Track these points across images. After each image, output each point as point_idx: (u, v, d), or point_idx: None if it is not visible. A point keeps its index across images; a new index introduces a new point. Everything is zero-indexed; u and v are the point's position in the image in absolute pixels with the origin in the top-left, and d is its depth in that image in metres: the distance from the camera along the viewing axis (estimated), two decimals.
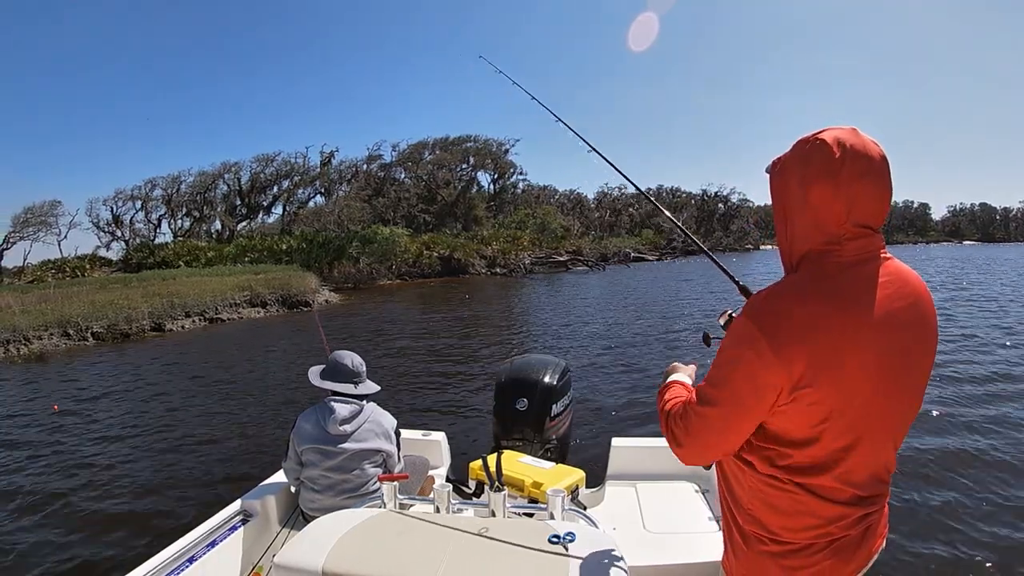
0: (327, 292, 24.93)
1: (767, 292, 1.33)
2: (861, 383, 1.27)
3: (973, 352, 10.35)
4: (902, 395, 1.35)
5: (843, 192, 1.25)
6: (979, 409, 7.08)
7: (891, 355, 1.29)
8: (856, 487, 1.34)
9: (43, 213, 38.76)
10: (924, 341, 1.37)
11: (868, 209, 1.28)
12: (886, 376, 1.30)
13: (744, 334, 1.29)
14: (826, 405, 1.26)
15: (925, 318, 1.36)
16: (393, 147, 49.72)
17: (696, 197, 72.90)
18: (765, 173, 1.45)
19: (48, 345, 14.35)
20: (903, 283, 1.33)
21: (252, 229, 44.77)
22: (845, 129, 1.29)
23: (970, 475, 5.23)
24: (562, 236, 45.17)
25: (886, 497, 1.45)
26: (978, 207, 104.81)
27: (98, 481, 5.92)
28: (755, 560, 1.44)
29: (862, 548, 1.38)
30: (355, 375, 2.99)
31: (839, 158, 1.25)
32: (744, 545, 1.46)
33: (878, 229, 1.33)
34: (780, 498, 1.36)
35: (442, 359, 11.50)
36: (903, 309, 1.31)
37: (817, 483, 1.32)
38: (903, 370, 1.33)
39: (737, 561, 1.50)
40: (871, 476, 1.36)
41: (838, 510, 1.34)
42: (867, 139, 1.28)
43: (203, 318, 18.33)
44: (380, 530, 1.87)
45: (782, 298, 1.30)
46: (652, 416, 7.23)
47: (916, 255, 52.12)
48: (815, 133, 1.31)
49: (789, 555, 1.38)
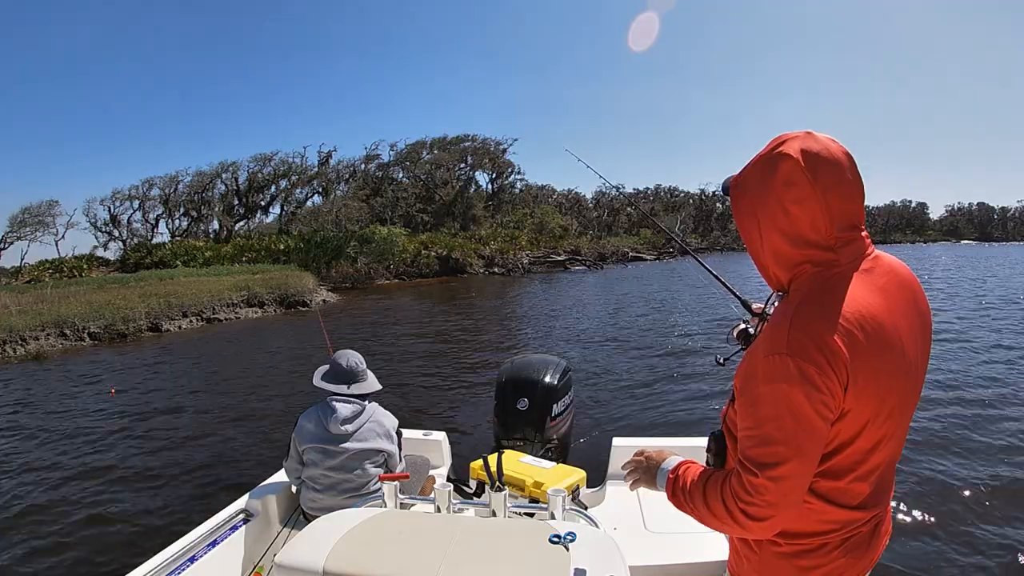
0: (325, 292, 24.85)
1: (791, 324, 1.23)
2: (893, 387, 1.26)
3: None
4: (914, 388, 1.35)
5: (822, 204, 1.23)
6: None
7: (907, 352, 1.29)
8: (869, 486, 1.33)
9: (40, 213, 38.65)
10: (925, 334, 1.37)
11: (848, 209, 1.26)
12: (907, 373, 1.30)
13: (781, 371, 1.20)
14: (865, 416, 1.24)
15: (922, 306, 1.37)
16: (391, 147, 49.79)
17: (694, 196, 72.98)
18: (723, 193, 1.42)
19: (45, 345, 14.31)
20: (899, 276, 1.33)
21: (250, 229, 44.65)
22: (801, 135, 1.27)
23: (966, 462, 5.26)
24: (560, 236, 45.20)
25: (891, 492, 1.45)
26: (976, 206, 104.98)
27: (97, 481, 5.91)
28: (768, 562, 1.42)
29: (872, 545, 1.38)
30: (351, 376, 2.99)
31: (809, 171, 1.22)
32: (756, 548, 1.44)
33: (861, 225, 1.32)
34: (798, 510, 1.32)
35: (443, 359, 11.50)
36: (906, 303, 1.32)
37: (833, 487, 1.30)
38: (915, 363, 1.33)
39: (748, 563, 1.48)
40: (882, 474, 1.36)
41: (850, 514, 1.33)
42: (826, 140, 1.27)
43: (200, 318, 18.26)
44: (381, 530, 1.86)
45: (809, 327, 1.21)
46: (653, 416, 7.26)
47: (922, 255, 52.09)
48: (774, 148, 1.28)
49: (802, 555, 1.36)
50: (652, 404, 7.84)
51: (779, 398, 1.20)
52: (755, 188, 1.31)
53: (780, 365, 1.19)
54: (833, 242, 1.26)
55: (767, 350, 1.23)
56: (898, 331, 1.26)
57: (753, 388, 1.25)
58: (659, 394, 8.38)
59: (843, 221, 1.26)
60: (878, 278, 1.29)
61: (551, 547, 1.70)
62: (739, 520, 1.27)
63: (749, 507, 1.24)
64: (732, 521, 1.28)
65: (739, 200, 1.36)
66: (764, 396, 1.22)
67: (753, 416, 1.25)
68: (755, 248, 1.37)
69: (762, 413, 1.23)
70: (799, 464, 1.20)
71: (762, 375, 1.23)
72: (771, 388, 1.21)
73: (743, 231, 1.38)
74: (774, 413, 1.20)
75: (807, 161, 1.23)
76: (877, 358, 1.22)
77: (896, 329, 1.26)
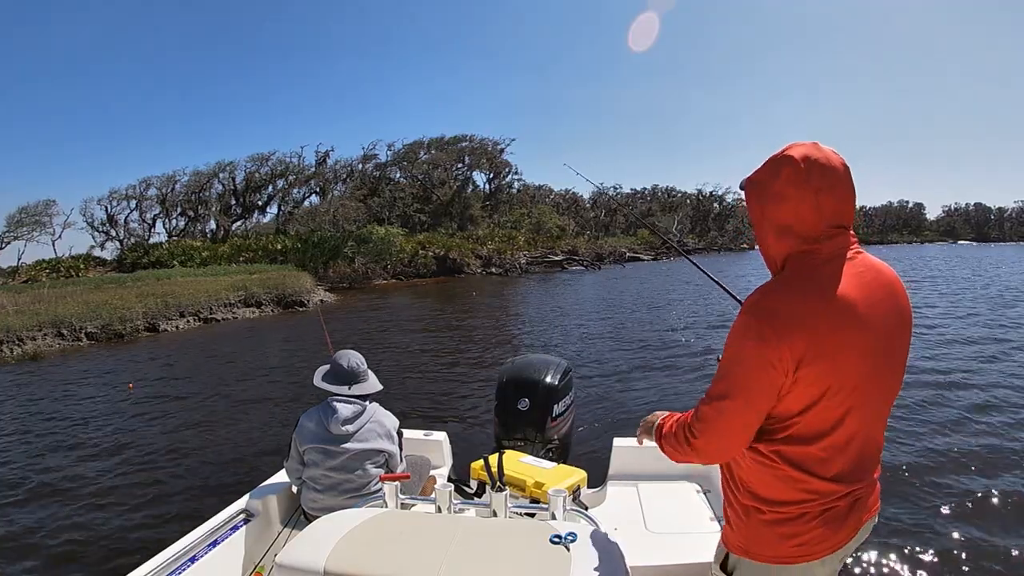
0: (322, 292, 24.83)
1: (760, 292, 1.48)
2: (855, 363, 1.42)
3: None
4: (887, 373, 1.52)
5: (813, 200, 1.43)
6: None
7: (877, 337, 1.45)
8: (844, 461, 1.48)
9: (37, 213, 38.44)
10: (902, 324, 1.54)
11: (837, 211, 1.45)
12: (874, 355, 1.45)
13: (745, 329, 1.44)
14: (824, 383, 1.41)
15: (901, 303, 1.53)
16: (388, 147, 49.54)
17: (692, 197, 72.99)
18: (740, 189, 1.62)
19: (42, 345, 14.28)
20: (878, 273, 1.50)
21: (247, 229, 44.57)
22: (808, 144, 1.47)
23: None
24: (558, 236, 45.19)
25: (874, 473, 1.60)
26: (973, 207, 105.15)
27: (97, 482, 5.90)
28: (753, 529, 1.57)
29: (850, 519, 1.52)
30: (351, 376, 3.00)
31: (806, 171, 1.42)
32: (743, 517, 1.59)
33: (849, 227, 1.50)
34: (776, 475, 1.50)
35: (443, 359, 11.52)
36: (882, 297, 1.48)
37: (808, 455, 1.46)
38: (887, 350, 1.49)
39: (735, 532, 1.63)
40: (859, 451, 1.50)
41: (826, 485, 1.47)
42: (828, 151, 1.46)
43: (198, 318, 18.24)
44: (382, 530, 1.87)
45: (775, 294, 1.46)
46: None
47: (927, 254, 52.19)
48: (782, 150, 1.48)
49: (783, 523, 1.52)
50: (652, 404, 7.84)
51: (737, 346, 1.46)
52: (763, 183, 1.51)
53: (743, 321, 1.45)
54: (820, 236, 1.45)
55: (742, 309, 1.49)
56: (869, 315, 1.43)
57: (728, 338, 1.50)
58: (659, 394, 8.42)
59: (832, 220, 1.45)
60: (856, 267, 1.47)
61: (552, 547, 1.71)
62: (688, 442, 1.56)
63: (694, 429, 1.54)
64: (684, 445, 1.58)
65: (750, 193, 1.57)
66: (729, 344, 1.49)
67: (721, 361, 1.51)
68: (760, 234, 1.57)
69: (725, 356, 1.50)
70: (741, 402, 1.44)
71: (733, 327, 1.49)
72: (734, 339, 1.47)
73: (752, 220, 1.59)
74: (732, 356, 1.47)
75: (807, 165, 1.43)
76: (841, 332, 1.39)
77: (868, 313, 1.43)
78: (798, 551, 1.51)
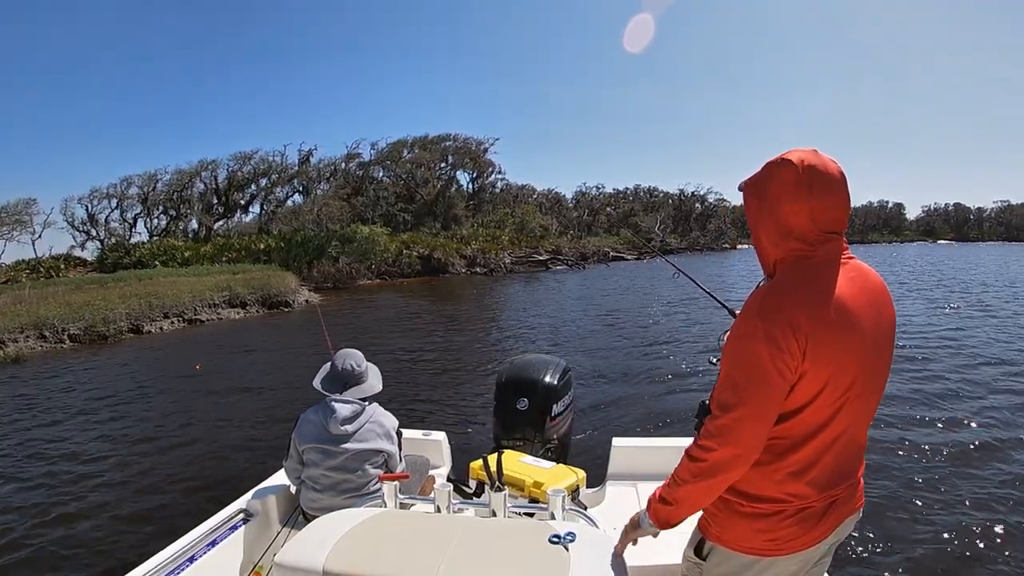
0: (307, 292, 24.67)
1: (762, 294, 1.50)
2: (850, 364, 1.47)
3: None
4: (876, 375, 1.57)
5: (809, 205, 1.47)
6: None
7: (868, 339, 1.50)
8: (828, 461, 1.53)
9: (17, 212, 37.69)
10: (888, 327, 1.60)
11: (831, 217, 1.50)
12: (866, 357, 1.51)
13: (752, 331, 1.45)
14: (821, 382, 1.45)
15: (886, 307, 1.60)
16: (372, 145, 49.06)
17: (673, 197, 73.07)
18: (738, 191, 1.65)
19: (24, 348, 14.08)
20: (866, 278, 1.56)
21: (229, 228, 44.08)
22: (807, 150, 1.50)
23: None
24: (541, 235, 45.13)
25: (857, 473, 1.65)
26: (952, 207, 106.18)
27: (92, 483, 5.87)
28: (730, 519, 1.62)
29: (826, 519, 1.57)
30: (347, 379, 3.00)
31: (804, 176, 1.46)
32: (722, 507, 1.63)
33: (842, 233, 1.55)
34: (760, 473, 1.53)
35: (441, 358, 11.51)
36: (870, 300, 1.53)
37: (795, 455, 1.51)
38: (876, 352, 1.54)
39: (714, 522, 1.67)
40: (843, 450, 1.55)
41: (806, 488, 1.53)
42: (826, 158, 1.50)
43: (182, 319, 18.08)
44: (381, 530, 1.87)
45: (778, 296, 1.47)
46: (653, 416, 7.31)
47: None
48: (782, 155, 1.51)
49: (759, 518, 1.57)
50: (651, 404, 7.92)
51: (746, 351, 1.45)
52: (761, 186, 1.56)
53: (751, 325, 1.45)
54: (813, 239, 1.50)
55: (744, 313, 1.50)
56: (860, 318, 1.48)
57: (730, 344, 1.52)
58: (658, 394, 8.47)
59: (826, 225, 1.49)
60: (848, 272, 1.52)
61: (551, 547, 1.71)
62: (708, 461, 1.49)
63: (713, 441, 1.48)
64: (705, 468, 1.50)
65: (749, 195, 1.61)
66: (735, 349, 1.49)
67: (726, 365, 1.51)
68: (756, 235, 1.61)
69: (732, 362, 1.49)
70: (756, 408, 1.44)
71: (736, 333, 1.50)
72: (741, 343, 1.47)
73: (749, 221, 1.62)
74: (741, 363, 1.47)
75: (805, 170, 1.47)
76: (837, 333, 1.44)
77: (858, 315, 1.48)
78: (769, 546, 1.57)
